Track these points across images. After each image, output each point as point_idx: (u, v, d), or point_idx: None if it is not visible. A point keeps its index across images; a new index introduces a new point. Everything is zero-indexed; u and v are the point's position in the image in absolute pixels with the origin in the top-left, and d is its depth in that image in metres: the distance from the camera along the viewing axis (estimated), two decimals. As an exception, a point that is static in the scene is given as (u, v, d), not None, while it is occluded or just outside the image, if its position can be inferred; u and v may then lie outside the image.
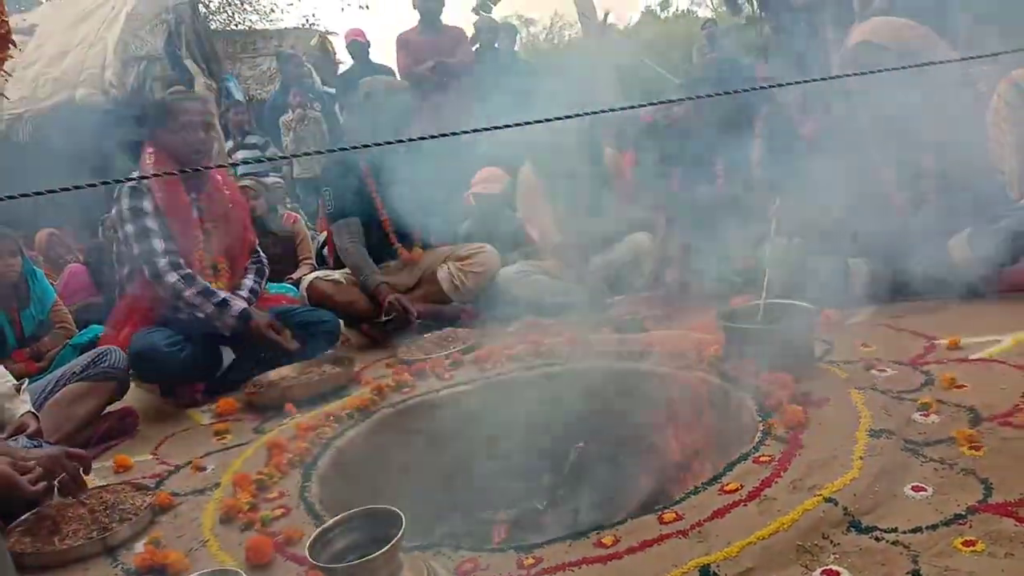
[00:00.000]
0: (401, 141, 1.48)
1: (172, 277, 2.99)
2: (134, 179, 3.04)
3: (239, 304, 3.06)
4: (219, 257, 3.24)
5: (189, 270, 3.04)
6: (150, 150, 3.16)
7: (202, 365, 3.07)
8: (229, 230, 3.29)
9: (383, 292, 3.56)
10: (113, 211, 3.10)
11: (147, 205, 3.03)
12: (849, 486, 1.56)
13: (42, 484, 1.87)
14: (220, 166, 3.08)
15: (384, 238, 3.79)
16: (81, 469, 2.01)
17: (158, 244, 3.01)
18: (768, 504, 1.55)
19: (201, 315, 3.00)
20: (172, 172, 3.07)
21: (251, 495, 1.99)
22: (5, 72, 2.09)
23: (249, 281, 3.35)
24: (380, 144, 3.46)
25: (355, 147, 3.66)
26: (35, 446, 2.23)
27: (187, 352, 2.97)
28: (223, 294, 3.06)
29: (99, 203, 7.16)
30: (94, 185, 1.26)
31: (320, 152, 4.73)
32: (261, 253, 3.54)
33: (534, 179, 3.95)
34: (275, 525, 1.83)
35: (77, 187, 1.13)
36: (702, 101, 3.16)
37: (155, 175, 3.02)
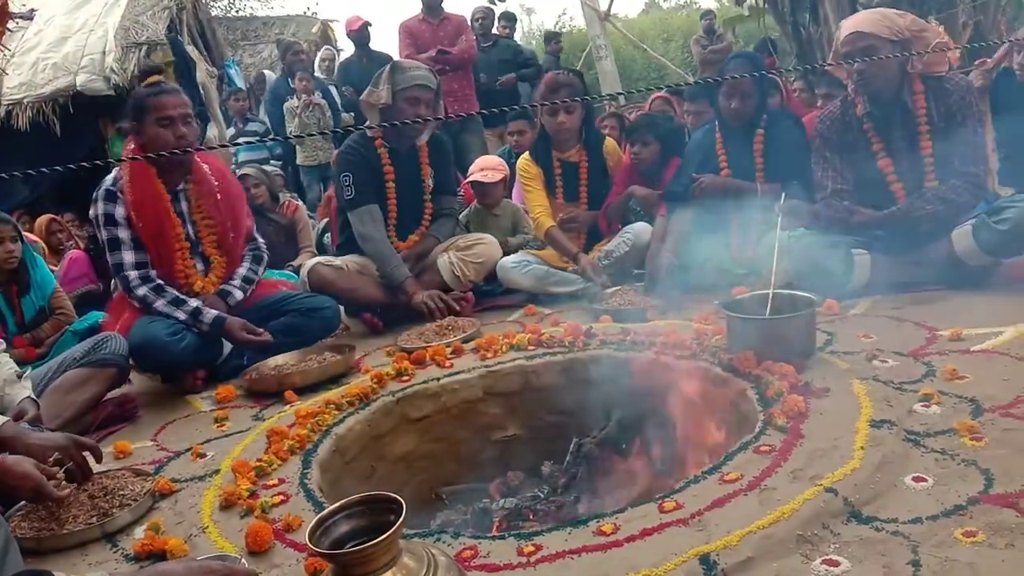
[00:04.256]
0: (406, 123, 1.47)
1: (142, 291, 2.99)
2: (116, 162, 3.02)
3: (211, 313, 3.02)
4: (211, 250, 3.21)
5: (159, 281, 3.03)
6: (131, 145, 3.15)
7: (203, 353, 3.05)
8: (221, 219, 3.22)
9: (410, 288, 3.53)
10: (91, 211, 3.06)
11: (119, 213, 3.00)
12: (850, 476, 1.56)
13: (67, 489, 1.87)
14: (222, 146, 3.05)
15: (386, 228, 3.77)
16: (91, 459, 2.02)
17: (128, 256, 3.00)
18: (768, 494, 1.55)
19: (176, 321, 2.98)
20: (151, 156, 2.95)
21: (251, 482, 1.99)
22: (5, 47, 2.07)
23: (242, 270, 3.31)
24: (383, 125, 3.43)
25: (356, 127, 3.63)
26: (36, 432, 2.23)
27: (187, 341, 2.95)
28: (194, 303, 3.03)
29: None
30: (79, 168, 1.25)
31: (321, 134, 4.70)
32: (259, 239, 3.49)
33: (533, 168, 3.94)
34: (275, 512, 1.83)
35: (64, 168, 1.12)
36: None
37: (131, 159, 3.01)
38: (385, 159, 3.73)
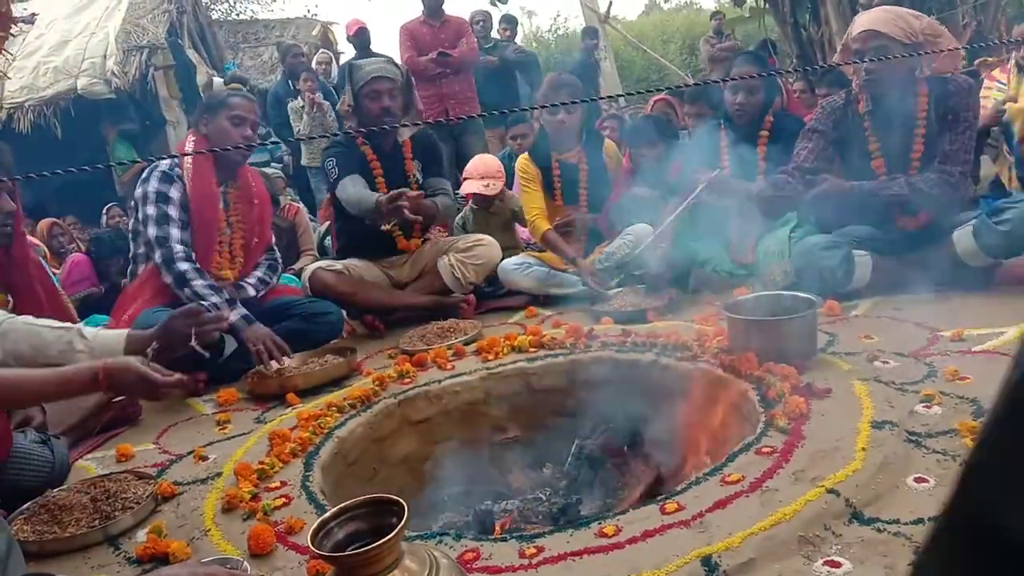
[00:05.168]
0: (405, 125, 1.47)
1: (184, 265, 3.02)
2: (118, 165, 3.07)
3: (241, 310, 3.02)
4: (236, 250, 3.30)
5: (198, 264, 3.07)
6: (192, 137, 3.27)
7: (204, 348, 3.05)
8: (251, 226, 3.34)
9: (382, 204, 3.34)
10: (138, 190, 3.15)
11: (174, 193, 3.09)
12: (851, 477, 1.56)
13: (175, 377, 1.90)
14: (223, 150, 3.06)
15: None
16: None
17: (175, 232, 3.06)
18: (770, 495, 1.55)
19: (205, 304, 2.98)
20: (189, 152, 3.12)
21: (253, 484, 1.99)
22: (7, 52, 2.08)
23: (259, 271, 3.40)
24: (384, 127, 3.43)
25: (358, 130, 3.63)
26: (43, 439, 2.23)
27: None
28: (227, 295, 3.07)
29: (101, 191, 7.17)
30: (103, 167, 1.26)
31: (323, 136, 4.69)
32: (276, 251, 3.58)
33: (532, 168, 3.93)
34: (277, 515, 1.83)
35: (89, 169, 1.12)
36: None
37: (183, 154, 3.11)
38: (370, 155, 3.73)
